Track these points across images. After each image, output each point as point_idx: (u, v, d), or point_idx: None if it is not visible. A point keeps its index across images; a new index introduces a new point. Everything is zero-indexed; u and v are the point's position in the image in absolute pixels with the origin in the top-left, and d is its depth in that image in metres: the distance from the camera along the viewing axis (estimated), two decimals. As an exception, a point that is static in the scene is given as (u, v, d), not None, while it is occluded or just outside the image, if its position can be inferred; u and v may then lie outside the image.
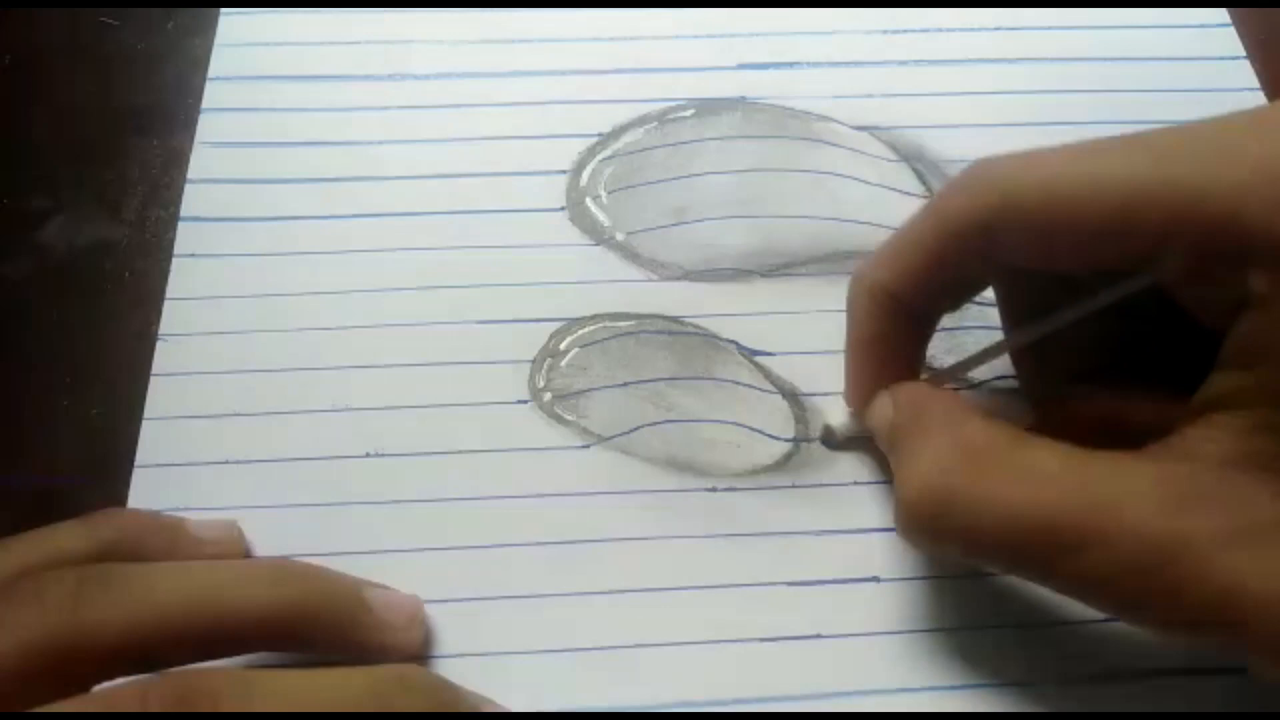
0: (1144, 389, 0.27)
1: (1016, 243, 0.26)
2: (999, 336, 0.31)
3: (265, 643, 0.26)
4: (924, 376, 0.30)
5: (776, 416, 0.32)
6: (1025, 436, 0.26)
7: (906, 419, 0.28)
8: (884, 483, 0.31)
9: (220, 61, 0.39)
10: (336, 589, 0.27)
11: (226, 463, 0.31)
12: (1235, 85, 0.39)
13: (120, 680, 0.23)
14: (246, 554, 0.29)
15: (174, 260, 0.34)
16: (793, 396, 0.33)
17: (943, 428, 0.26)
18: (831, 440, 0.32)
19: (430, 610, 0.29)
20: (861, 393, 0.30)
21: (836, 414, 0.32)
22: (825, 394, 0.32)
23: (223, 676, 0.22)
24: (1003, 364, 0.32)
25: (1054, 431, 0.26)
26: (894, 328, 0.29)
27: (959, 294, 0.29)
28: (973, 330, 0.33)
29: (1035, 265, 0.27)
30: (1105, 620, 0.29)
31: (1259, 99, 0.38)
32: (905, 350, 0.29)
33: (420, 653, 0.28)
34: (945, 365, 0.32)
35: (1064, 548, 0.24)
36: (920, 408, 0.27)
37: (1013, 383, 0.32)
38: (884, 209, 0.36)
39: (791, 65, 0.39)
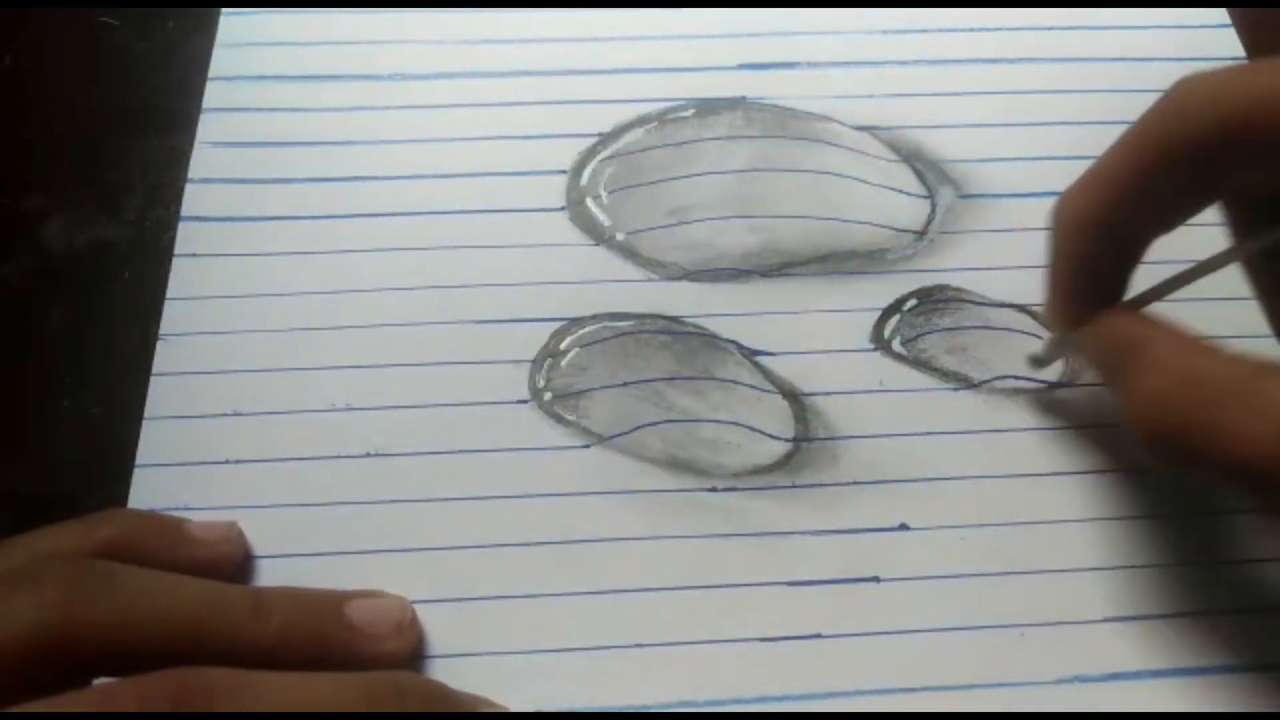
0: None
1: (1239, 163, 0.25)
2: (998, 336, 0.32)
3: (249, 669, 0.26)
4: (1127, 299, 0.29)
5: (776, 416, 0.32)
6: (1269, 369, 0.24)
7: (1124, 348, 0.27)
8: (884, 483, 0.31)
9: (220, 61, 0.38)
10: (319, 615, 0.27)
11: (226, 463, 0.31)
12: (1235, 85, 0.38)
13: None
14: (247, 554, 0.29)
15: (174, 260, 0.34)
16: (793, 396, 0.33)
17: (1169, 358, 0.25)
18: (1039, 364, 0.32)
19: (430, 610, 0.29)
20: (1064, 319, 0.29)
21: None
22: (829, 393, 0.32)
23: (219, 675, 0.22)
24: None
25: None
26: (1101, 254, 0.28)
27: (1172, 219, 0.27)
28: (971, 330, 0.33)
29: (1264, 187, 0.25)
30: (1107, 620, 0.29)
31: (1259, 99, 0.38)
32: (1112, 274, 0.28)
33: (411, 658, 0.28)
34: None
35: None
36: (1139, 338, 0.26)
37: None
38: (884, 209, 0.36)
39: (791, 65, 0.39)
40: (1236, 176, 0.26)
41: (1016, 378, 0.33)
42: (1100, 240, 0.28)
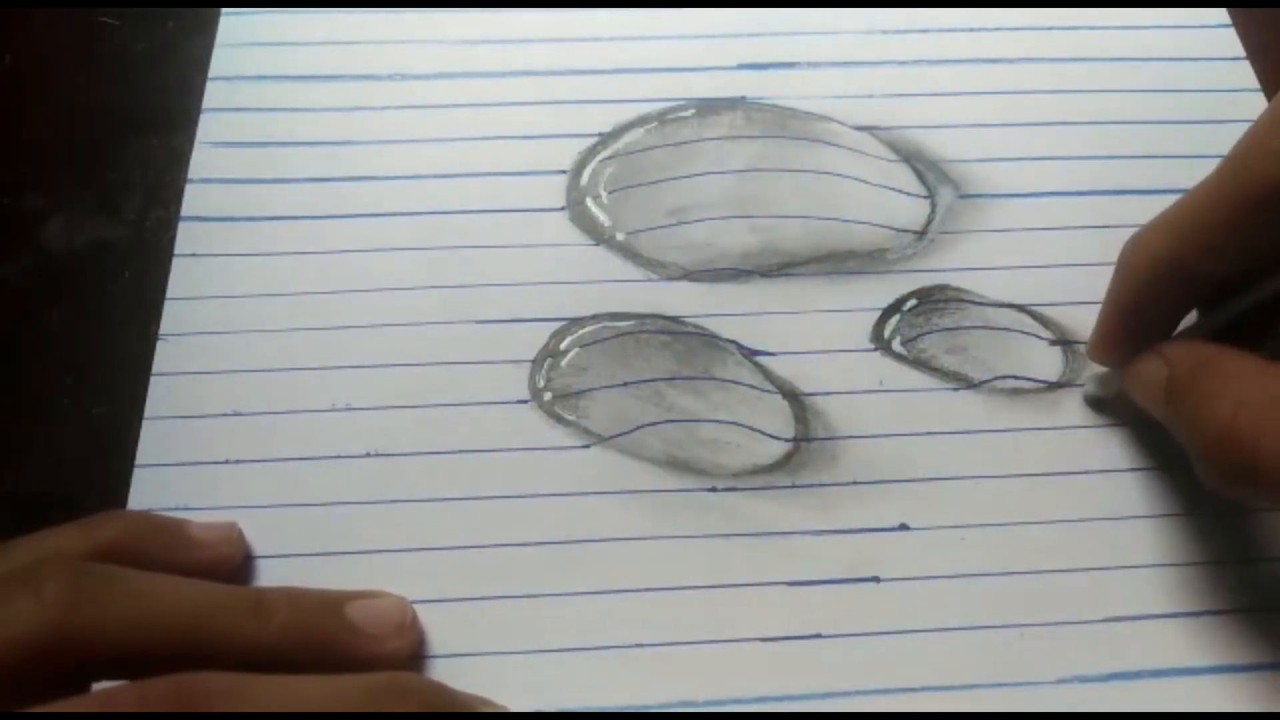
0: None
1: None
2: (998, 336, 0.32)
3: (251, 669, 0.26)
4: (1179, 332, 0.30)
5: (776, 416, 0.32)
6: None
7: (1189, 372, 0.27)
8: (884, 483, 0.31)
9: (220, 61, 0.38)
10: (320, 615, 0.27)
11: (226, 463, 0.31)
12: (1235, 85, 0.39)
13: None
14: (247, 555, 0.29)
15: (174, 260, 0.34)
16: (793, 396, 0.33)
17: (1243, 376, 0.25)
18: (1100, 403, 0.32)
19: (430, 610, 0.29)
20: (1120, 352, 0.30)
21: (1092, 377, 0.32)
22: (829, 393, 0.32)
23: (220, 679, 0.22)
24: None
25: None
26: (1169, 294, 0.28)
27: (1252, 264, 0.27)
28: (971, 330, 0.33)
29: None
30: (1106, 620, 0.29)
31: (1259, 99, 0.38)
32: (1173, 313, 0.29)
33: (412, 659, 0.28)
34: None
35: None
36: (1206, 360, 0.26)
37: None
38: (884, 209, 0.36)
39: (791, 65, 0.39)
40: None
41: (1016, 378, 0.33)
42: (1174, 280, 0.28)
